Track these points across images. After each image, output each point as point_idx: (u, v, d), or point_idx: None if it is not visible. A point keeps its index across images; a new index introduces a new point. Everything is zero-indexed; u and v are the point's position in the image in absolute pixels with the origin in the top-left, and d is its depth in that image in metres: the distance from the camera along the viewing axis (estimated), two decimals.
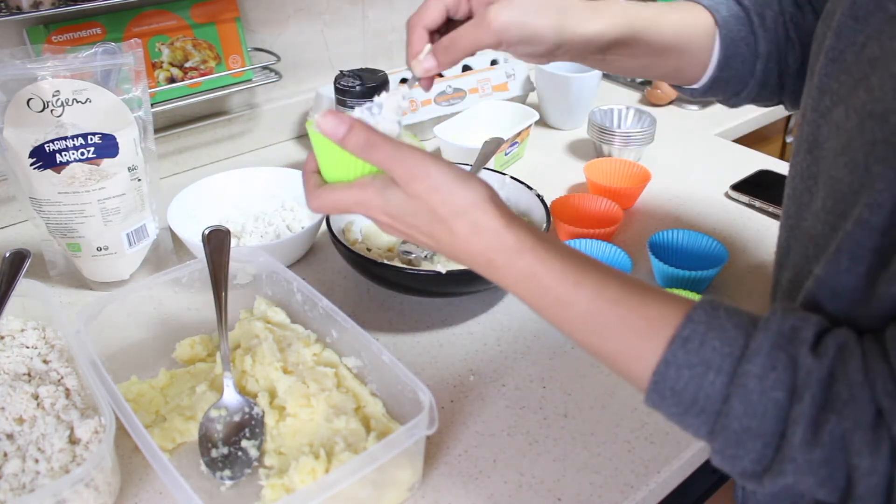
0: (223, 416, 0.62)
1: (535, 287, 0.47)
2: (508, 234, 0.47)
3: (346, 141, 0.48)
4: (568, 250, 0.48)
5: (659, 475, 0.61)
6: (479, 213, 0.47)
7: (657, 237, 0.85)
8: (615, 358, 0.46)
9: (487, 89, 1.20)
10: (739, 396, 0.40)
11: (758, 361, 0.40)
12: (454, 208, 0.47)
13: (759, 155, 1.16)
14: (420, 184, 0.47)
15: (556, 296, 0.47)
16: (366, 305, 0.81)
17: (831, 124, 0.48)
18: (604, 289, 0.46)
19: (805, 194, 0.52)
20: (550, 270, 0.46)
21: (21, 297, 0.67)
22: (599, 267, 0.47)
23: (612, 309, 0.45)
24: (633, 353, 0.44)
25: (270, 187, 0.96)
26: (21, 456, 0.56)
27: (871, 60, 0.45)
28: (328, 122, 0.48)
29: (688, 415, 0.43)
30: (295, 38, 1.15)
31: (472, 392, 0.69)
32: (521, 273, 0.47)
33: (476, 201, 0.47)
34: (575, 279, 0.46)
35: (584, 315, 0.46)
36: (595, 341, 0.46)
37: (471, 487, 0.60)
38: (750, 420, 0.40)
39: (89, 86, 0.73)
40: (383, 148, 0.48)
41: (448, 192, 0.47)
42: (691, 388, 0.42)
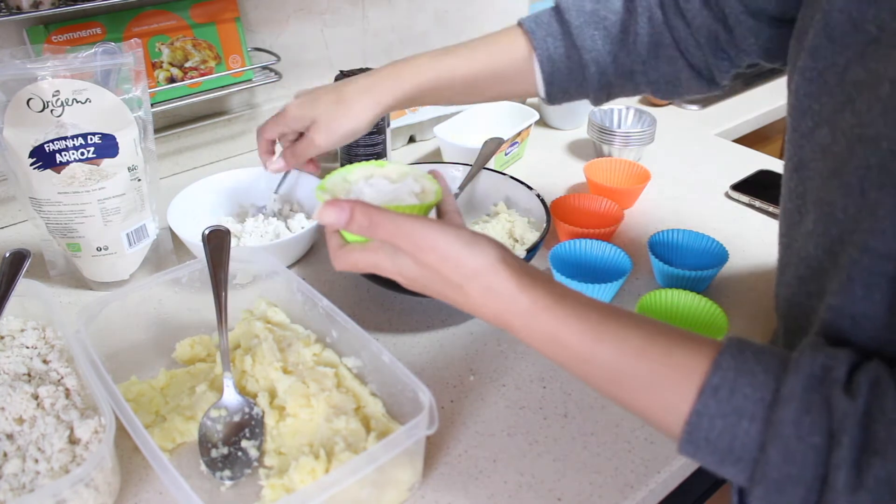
0: (223, 416, 0.62)
1: (556, 347, 0.47)
2: (522, 296, 0.47)
3: (350, 227, 0.49)
4: (586, 304, 0.47)
5: (659, 475, 0.61)
6: (491, 277, 0.47)
7: (657, 237, 0.86)
8: (645, 411, 0.45)
9: None
10: (776, 444, 0.39)
11: (791, 406, 0.39)
12: (465, 273, 0.48)
13: (759, 155, 1.16)
14: (427, 255, 0.48)
15: (577, 354, 0.46)
16: (366, 305, 0.81)
17: (815, 145, 0.48)
18: (626, 342, 0.45)
19: (794, 214, 0.52)
20: (569, 329, 0.46)
21: (21, 297, 0.67)
22: (620, 318, 0.46)
23: (637, 362, 0.44)
24: (663, 405, 0.44)
25: (270, 187, 0.96)
26: (21, 456, 0.56)
27: (855, 83, 0.45)
28: (329, 214, 0.49)
29: (724, 464, 0.42)
30: (295, 38, 1.15)
31: (472, 392, 0.69)
32: (540, 334, 0.47)
33: (486, 265, 0.48)
34: (595, 335, 0.45)
35: (609, 371, 0.45)
36: (623, 395, 0.46)
37: (471, 487, 0.60)
38: (789, 467, 0.39)
39: (89, 86, 0.73)
40: (386, 225, 0.49)
41: (457, 259, 0.48)
42: (726, 437, 0.41)
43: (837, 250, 0.45)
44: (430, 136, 1.20)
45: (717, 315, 0.74)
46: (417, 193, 0.56)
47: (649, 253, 0.83)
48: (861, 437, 0.38)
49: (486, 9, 1.38)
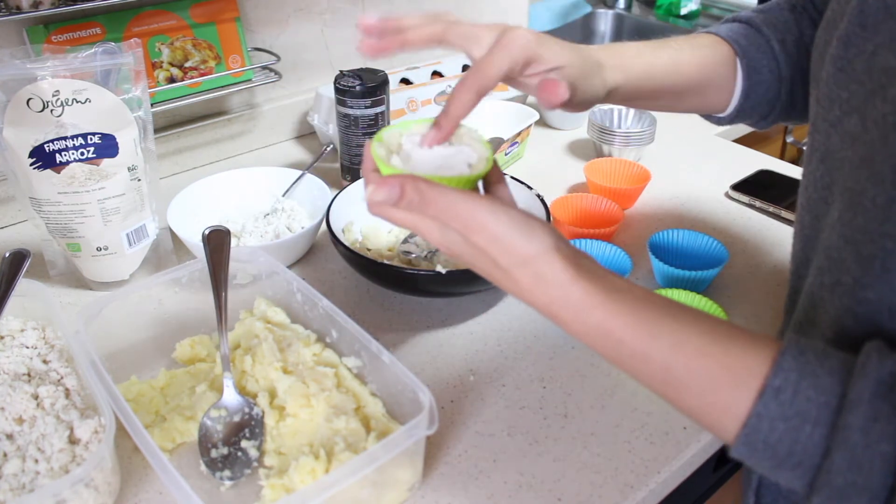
0: (223, 416, 0.62)
1: (608, 341, 0.45)
2: (575, 287, 0.45)
3: (401, 204, 0.47)
4: (642, 298, 0.45)
5: (659, 475, 0.61)
6: (542, 265, 0.45)
7: (657, 237, 0.85)
8: (699, 411, 0.44)
9: None
10: (842, 450, 0.38)
11: (859, 413, 0.38)
12: (515, 259, 0.46)
13: (759, 155, 1.16)
14: (477, 236, 0.46)
15: (631, 350, 0.44)
16: (366, 305, 0.81)
17: (844, 134, 0.48)
18: (682, 340, 0.44)
19: (820, 205, 0.51)
20: (624, 324, 0.44)
21: (21, 297, 0.67)
22: (676, 312, 0.45)
23: (693, 361, 0.43)
24: (719, 406, 0.42)
25: (270, 187, 0.96)
26: (21, 456, 0.56)
27: (885, 70, 0.44)
28: (380, 193, 0.47)
29: (782, 468, 0.41)
30: (295, 38, 1.15)
31: (472, 392, 0.69)
32: (592, 328, 0.45)
33: (539, 252, 0.46)
34: (650, 331, 0.44)
35: (664, 369, 0.44)
36: (677, 394, 0.45)
37: (471, 487, 0.60)
38: (855, 475, 0.38)
39: (89, 86, 0.73)
40: (437, 202, 0.46)
41: (508, 243, 0.46)
42: (787, 440, 0.40)
43: (861, 240, 0.44)
44: None
45: (717, 315, 0.74)
46: (472, 164, 0.52)
47: (649, 253, 0.83)
48: None
49: (485, 9, 1.37)
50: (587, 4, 1.80)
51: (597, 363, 0.73)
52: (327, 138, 1.10)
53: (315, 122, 1.12)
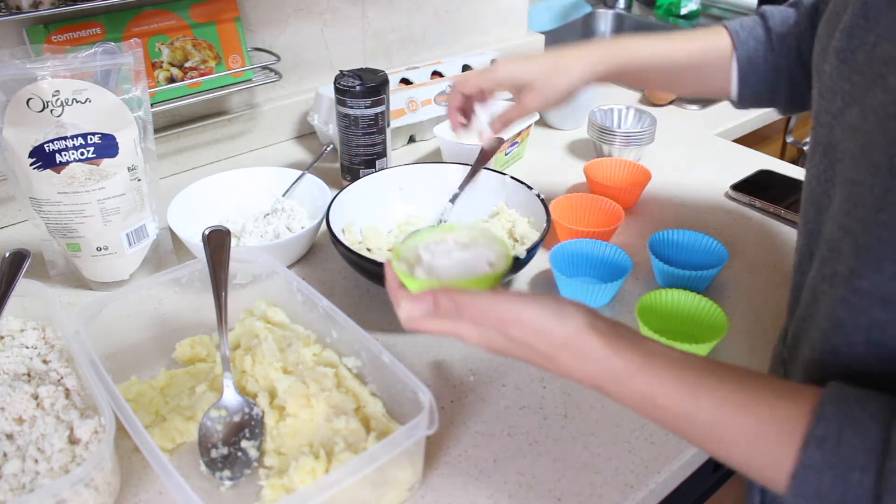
0: (223, 416, 0.62)
1: (652, 407, 0.46)
2: (616, 359, 0.46)
3: (438, 314, 0.51)
4: (679, 360, 0.47)
5: (659, 475, 0.61)
6: (581, 343, 0.47)
7: (657, 237, 0.85)
8: (748, 466, 0.44)
9: None
10: (892, 495, 0.38)
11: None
12: (555, 343, 0.48)
13: (759, 155, 1.16)
14: (516, 330, 0.48)
15: (675, 413, 0.45)
16: (366, 305, 0.81)
17: (845, 126, 0.48)
18: (723, 398, 0.44)
19: (823, 198, 0.51)
20: (665, 389, 0.45)
21: (21, 297, 0.67)
22: (714, 372, 0.46)
23: (736, 418, 0.44)
24: (766, 460, 0.43)
25: (270, 187, 0.96)
26: (21, 456, 0.56)
27: (885, 60, 0.44)
28: (417, 309, 0.51)
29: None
30: (295, 38, 1.15)
31: (472, 392, 0.69)
32: (636, 396, 0.47)
33: (575, 332, 0.47)
34: (692, 392, 0.45)
35: (708, 427, 0.45)
36: (723, 451, 0.45)
37: (471, 487, 0.60)
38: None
39: (89, 86, 0.73)
40: (472, 307, 0.50)
41: (546, 331, 0.48)
42: (837, 489, 0.40)
43: (858, 230, 0.45)
44: (430, 136, 1.20)
45: (717, 315, 0.74)
46: (492, 263, 0.55)
47: (649, 253, 0.83)
48: None
49: (486, 9, 1.37)
50: (587, 4, 1.80)
51: None
52: (327, 138, 1.10)
53: (315, 122, 1.12)
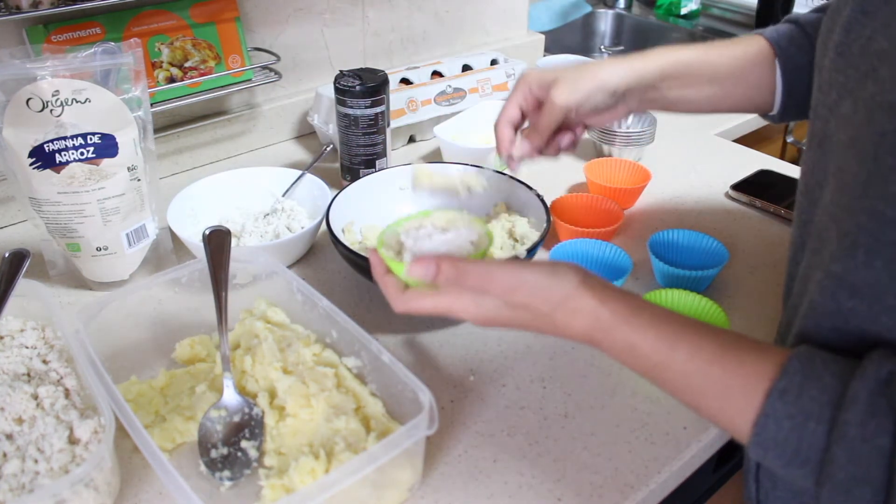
0: (223, 416, 0.62)
1: (635, 356, 0.49)
2: (604, 310, 0.50)
3: (438, 280, 0.53)
4: (663, 315, 0.50)
5: (659, 475, 0.61)
6: (575, 300, 0.51)
7: (657, 237, 0.85)
8: (716, 414, 0.47)
9: (487, 89, 1.20)
10: (841, 445, 0.40)
11: (857, 409, 0.40)
12: (553, 302, 0.51)
13: (759, 155, 1.16)
14: (518, 294, 0.51)
15: (654, 362, 0.49)
16: (366, 305, 0.81)
17: (839, 118, 0.49)
18: (698, 350, 0.47)
19: (816, 189, 0.52)
20: (646, 339, 0.49)
21: (21, 297, 0.67)
22: (693, 327, 0.49)
23: (708, 369, 0.46)
24: (733, 409, 0.45)
25: (270, 187, 0.96)
26: (20, 456, 0.56)
27: (878, 53, 0.45)
28: (417, 271, 0.53)
29: (791, 465, 0.43)
30: (295, 38, 1.15)
31: (472, 392, 0.69)
32: (621, 345, 0.50)
33: (570, 290, 0.51)
34: (670, 344, 0.48)
35: (682, 377, 0.48)
36: (695, 400, 0.48)
37: (471, 487, 0.60)
38: (855, 468, 0.40)
39: (89, 86, 0.73)
40: (473, 274, 0.52)
41: (546, 290, 0.51)
42: (793, 438, 0.42)
43: (843, 217, 0.45)
44: (430, 136, 1.20)
45: (717, 315, 0.74)
46: (474, 241, 0.58)
47: (649, 253, 0.83)
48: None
49: (486, 9, 1.37)
50: (587, 4, 1.80)
51: (597, 363, 0.73)
52: (327, 138, 1.10)
53: (315, 122, 1.12)
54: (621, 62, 0.71)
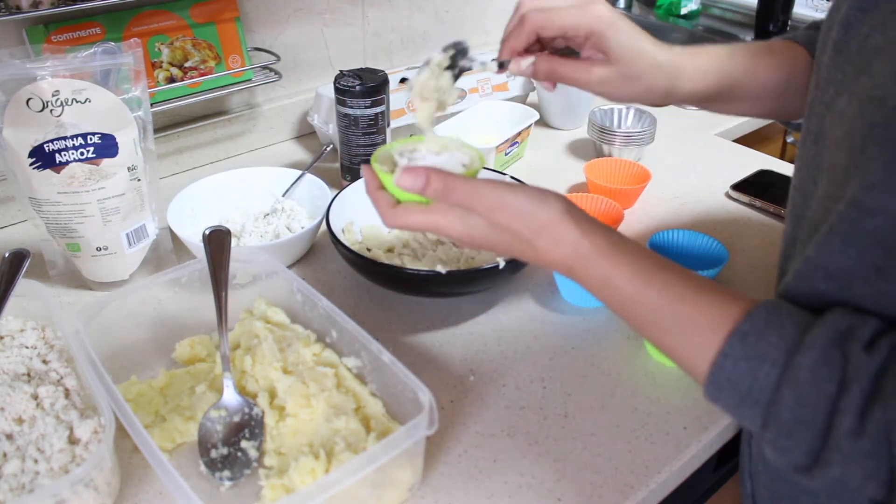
0: (223, 416, 0.62)
1: (609, 289, 0.51)
2: (584, 241, 0.51)
3: (426, 192, 0.52)
4: (641, 252, 0.51)
5: (659, 475, 0.61)
6: (558, 228, 0.51)
7: (657, 237, 0.85)
8: (679, 351, 0.48)
9: (487, 89, 1.20)
10: (791, 387, 0.41)
11: (811, 355, 0.41)
12: (535, 227, 0.51)
13: (759, 155, 1.16)
14: (502, 214, 0.51)
15: (627, 295, 0.50)
16: (366, 305, 0.81)
17: (835, 114, 0.49)
18: (670, 288, 0.49)
19: (811, 184, 0.53)
20: (622, 273, 0.50)
21: (20, 297, 0.67)
22: (669, 268, 0.50)
23: (678, 306, 0.48)
24: (696, 346, 0.46)
25: (270, 187, 0.96)
26: (20, 456, 0.56)
27: (874, 49, 0.46)
28: (406, 180, 0.53)
29: (743, 406, 0.44)
30: (295, 38, 1.15)
31: (472, 392, 0.69)
32: (597, 277, 0.51)
33: (554, 216, 0.51)
34: (644, 279, 0.49)
35: (652, 312, 0.49)
36: (661, 336, 0.49)
37: (471, 487, 0.60)
38: (800, 411, 0.41)
39: (89, 86, 0.73)
40: (460, 189, 0.52)
41: (529, 215, 0.51)
42: (747, 379, 0.43)
43: (830, 207, 0.46)
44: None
45: None
46: (466, 164, 0.58)
47: None
48: (870, 389, 0.39)
49: (486, 9, 1.37)
50: None
51: (597, 363, 0.73)
52: (327, 138, 1.10)
53: (315, 122, 1.12)
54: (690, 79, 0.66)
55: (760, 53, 0.68)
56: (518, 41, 0.63)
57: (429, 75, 0.60)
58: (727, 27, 1.80)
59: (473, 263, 0.82)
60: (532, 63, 0.65)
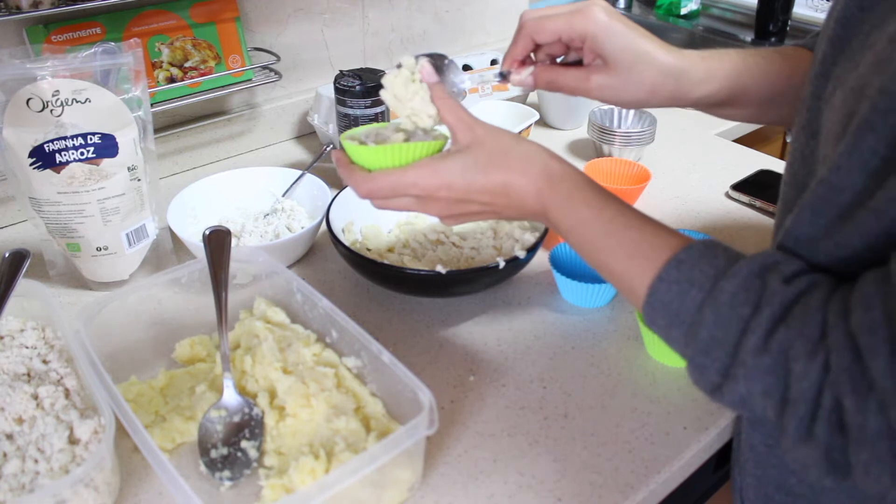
0: (223, 416, 0.62)
1: (567, 210, 0.55)
2: (554, 163, 0.56)
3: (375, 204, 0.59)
4: (602, 189, 0.55)
5: (659, 475, 0.61)
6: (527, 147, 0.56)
7: None
8: (622, 275, 0.52)
9: (487, 89, 1.20)
10: (711, 308, 0.44)
11: (734, 281, 0.44)
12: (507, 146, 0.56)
13: (759, 155, 1.16)
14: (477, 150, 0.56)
15: (581, 218, 0.54)
16: (366, 305, 0.81)
17: (831, 108, 0.50)
18: (622, 214, 0.53)
19: (805, 178, 0.53)
20: (582, 196, 0.54)
21: (21, 297, 0.67)
22: (625, 204, 0.54)
23: (625, 232, 0.52)
24: (637, 270, 0.50)
25: (270, 187, 0.96)
26: (21, 456, 0.56)
27: (872, 47, 0.46)
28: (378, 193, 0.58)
29: (672, 327, 0.47)
30: (295, 38, 1.15)
31: (472, 392, 0.69)
32: (560, 197, 0.55)
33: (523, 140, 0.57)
34: (599, 205, 0.54)
35: (601, 236, 0.53)
36: (606, 260, 0.53)
37: (471, 487, 0.60)
38: (716, 330, 0.44)
39: (89, 86, 0.73)
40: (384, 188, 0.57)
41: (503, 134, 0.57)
42: (676, 302, 0.47)
43: None
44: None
45: None
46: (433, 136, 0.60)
47: None
48: (780, 314, 0.42)
49: (485, 9, 1.37)
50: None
51: (597, 363, 0.73)
52: (327, 138, 1.10)
53: (315, 122, 1.12)
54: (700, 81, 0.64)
55: (772, 58, 0.67)
56: (516, 50, 0.65)
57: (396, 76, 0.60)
58: (727, 27, 1.80)
59: (473, 263, 0.82)
60: (531, 72, 0.66)
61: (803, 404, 0.40)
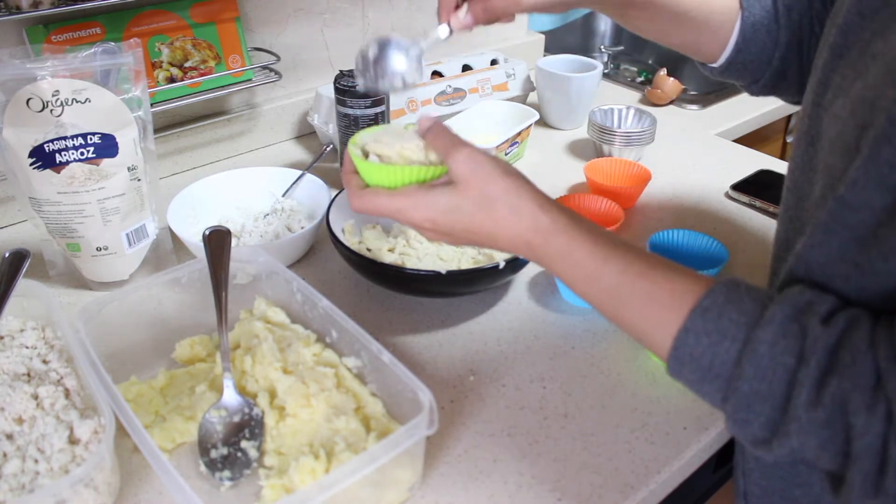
0: (223, 416, 0.62)
1: (568, 265, 0.51)
2: (544, 215, 0.52)
3: None
4: (599, 231, 0.52)
5: (659, 475, 0.61)
6: (515, 199, 0.52)
7: (657, 237, 0.85)
8: (640, 328, 0.49)
9: (487, 89, 1.20)
10: (750, 360, 0.42)
11: (770, 329, 0.42)
12: (495, 194, 0.52)
13: (759, 155, 1.16)
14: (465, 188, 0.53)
15: (587, 272, 0.50)
16: (366, 305, 0.81)
17: (832, 116, 0.50)
18: (630, 264, 0.49)
19: (806, 186, 0.53)
20: (581, 249, 0.50)
21: (21, 297, 0.67)
22: (626, 246, 0.51)
23: (638, 282, 0.48)
24: (657, 322, 0.47)
25: (270, 187, 0.96)
26: (21, 456, 0.56)
27: (873, 55, 0.46)
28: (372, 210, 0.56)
29: (704, 381, 0.45)
30: (295, 38, 1.15)
31: (472, 392, 0.69)
32: (556, 252, 0.51)
33: (510, 187, 0.52)
34: (604, 256, 0.50)
35: (612, 288, 0.49)
36: (622, 313, 0.50)
37: (471, 487, 0.60)
38: (759, 383, 0.42)
39: (89, 85, 0.73)
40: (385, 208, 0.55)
41: (490, 182, 0.53)
42: (708, 354, 0.44)
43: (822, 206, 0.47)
44: None
45: None
46: (433, 161, 0.58)
47: None
48: (827, 361, 0.40)
49: None
50: None
51: (597, 363, 0.73)
52: (327, 138, 1.10)
53: (315, 122, 1.12)
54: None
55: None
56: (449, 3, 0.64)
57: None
58: None
59: (473, 263, 0.82)
60: (468, 11, 0.65)
61: (868, 459, 0.39)
